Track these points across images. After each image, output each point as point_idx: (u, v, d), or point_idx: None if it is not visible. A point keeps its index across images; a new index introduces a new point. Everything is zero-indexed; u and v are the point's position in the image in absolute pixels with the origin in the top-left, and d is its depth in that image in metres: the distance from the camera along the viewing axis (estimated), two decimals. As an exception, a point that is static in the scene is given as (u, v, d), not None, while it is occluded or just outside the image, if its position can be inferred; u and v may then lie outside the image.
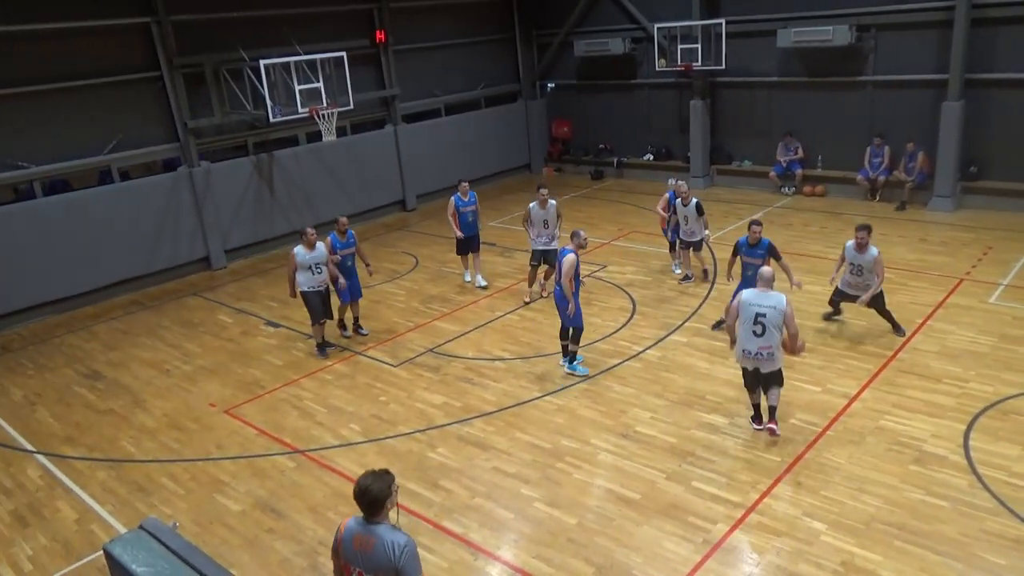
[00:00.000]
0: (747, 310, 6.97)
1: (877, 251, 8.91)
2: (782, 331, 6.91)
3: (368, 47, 16.66)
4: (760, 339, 6.91)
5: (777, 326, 6.85)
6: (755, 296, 7.01)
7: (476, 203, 11.91)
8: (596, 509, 6.52)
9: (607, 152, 19.61)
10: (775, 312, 6.84)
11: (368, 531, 3.91)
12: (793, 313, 6.92)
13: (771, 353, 6.94)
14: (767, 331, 6.88)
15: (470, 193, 11.86)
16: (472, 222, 11.90)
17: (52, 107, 12.43)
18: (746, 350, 7.04)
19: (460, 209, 11.80)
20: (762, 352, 6.95)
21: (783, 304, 6.83)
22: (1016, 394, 7.71)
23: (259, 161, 15.08)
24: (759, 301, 6.94)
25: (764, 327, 6.88)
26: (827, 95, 15.60)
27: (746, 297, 7.08)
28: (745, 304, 7.01)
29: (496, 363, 9.53)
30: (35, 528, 7.00)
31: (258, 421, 8.61)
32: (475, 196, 11.92)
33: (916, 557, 5.65)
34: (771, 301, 6.89)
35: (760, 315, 6.89)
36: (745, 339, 7.01)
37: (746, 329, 6.99)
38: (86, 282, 12.97)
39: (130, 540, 3.82)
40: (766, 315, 6.87)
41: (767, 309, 6.87)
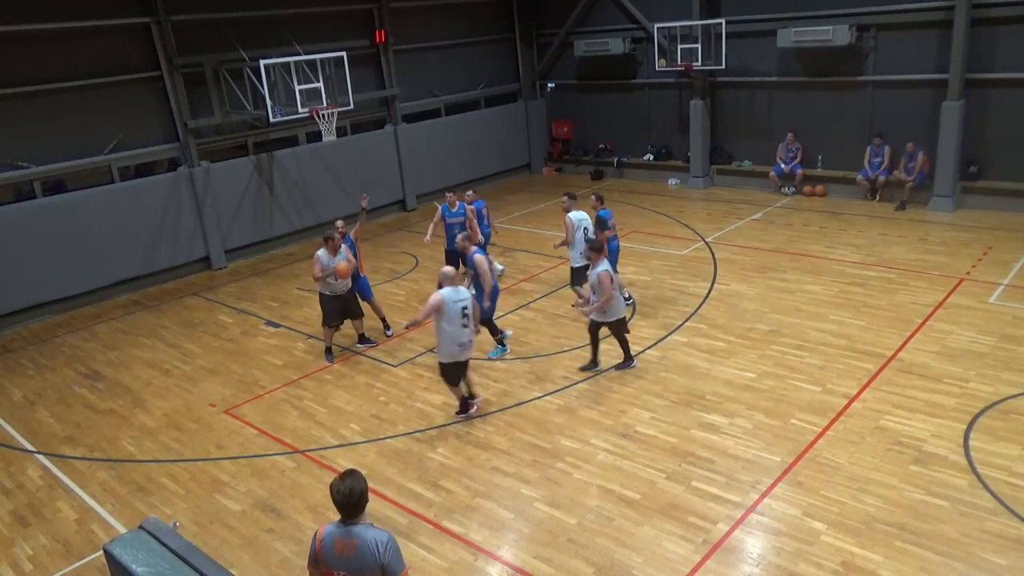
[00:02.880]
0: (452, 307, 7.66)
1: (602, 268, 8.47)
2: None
3: (368, 47, 16.66)
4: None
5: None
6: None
7: (464, 217, 11.25)
8: (596, 509, 6.52)
9: (607, 152, 19.61)
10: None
11: (348, 533, 3.92)
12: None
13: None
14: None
15: (459, 204, 11.34)
16: (456, 236, 10.88)
17: (52, 107, 12.43)
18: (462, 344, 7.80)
19: (446, 220, 11.36)
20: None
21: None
22: (1016, 394, 7.71)
23: (259, 161, 15.09)
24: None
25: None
26: (827, 95, 15.60)
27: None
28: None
29: (496, 363, 9.53)
30: (35, 528, 7.00)
31: (258, 421, 8.61)
32: (464, 209, 11.33)
33: (916, 557, 5.65)
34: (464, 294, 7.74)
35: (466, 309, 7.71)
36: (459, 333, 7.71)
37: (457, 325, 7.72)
38: (86, 282, 12.97)
39: (130, 540, 3.82)
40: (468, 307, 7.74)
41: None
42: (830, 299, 10.46)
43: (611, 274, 8.40)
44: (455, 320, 7.59)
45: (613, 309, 8.58)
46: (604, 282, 8.33)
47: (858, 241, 12.83)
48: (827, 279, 11.21)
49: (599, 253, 8.49)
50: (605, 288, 8.34)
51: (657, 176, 18.64)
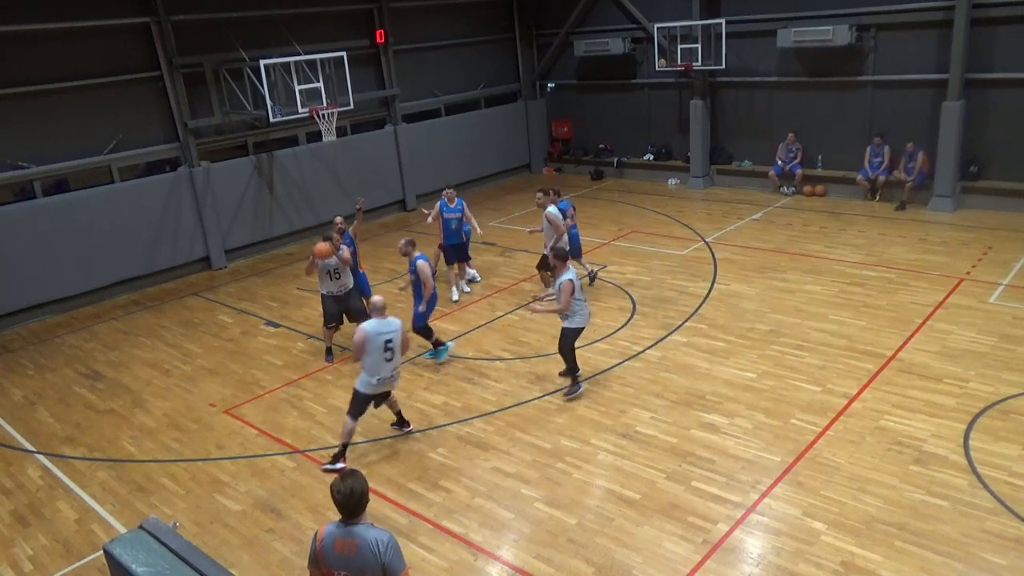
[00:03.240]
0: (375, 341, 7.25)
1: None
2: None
3: (368, 47, 16.66)
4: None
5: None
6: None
7: (462, 212, 11.54)
8: (596, 509, 6.52)
9: (607, 152, 19.61)
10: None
11: (349, 533, 3.93)
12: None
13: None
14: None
15: (457, 200, 11.58)
16: (456, 230, 11.55)
17: (52, 107, 12.43)
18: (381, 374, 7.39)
19: (444, 215, 11.52)
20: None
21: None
22: (1016, 394, 7.71)
23: (259, 161, 15.08)
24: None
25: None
26: (827, 95, 15.60)
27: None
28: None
29: (496, 363, 9.53)
30: (35, 528, 7.00)
31: (258, 421, 8.61)
32: (462, 204, 11.59)
33: (916, 557, 5.65)
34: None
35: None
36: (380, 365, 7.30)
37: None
38: (86, 282, 12.97)
39: (130, 540, 3.82)
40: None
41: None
42: (830, 299, 10.46)
43: (573, 284, 8.02)
44: (377, 352, 7.15)
45: (581, 316, 8.25)
46: (564, 292, 8.00)
47: (858, 241, 12.83)
48: (827, 279, 11.21)
49: (564, 262, 8.19)
50: (564, 298, 8.02)
51: (657, 176, 18.64)
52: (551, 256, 8.47)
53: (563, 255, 8.29)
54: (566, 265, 8.18)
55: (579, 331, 8.39)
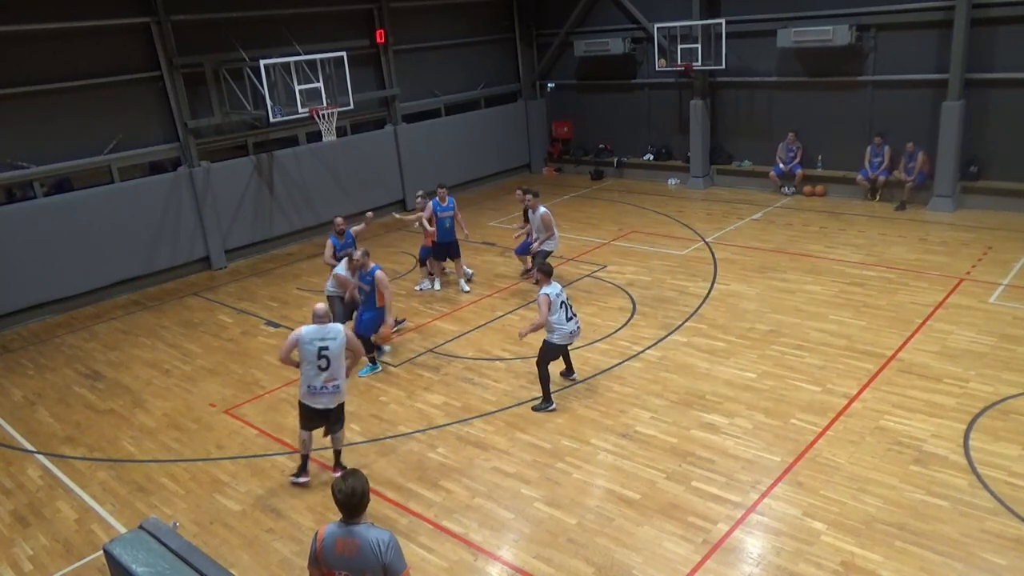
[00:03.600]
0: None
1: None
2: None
3: (368, 47, 16.66)
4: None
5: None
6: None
7: (454, 209, 11.82)
8: (596, 509, 6.52)
9: (607, 152, 19.61)
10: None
11: (350, 533, 3.93)
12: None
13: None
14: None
15: (448, 199, 11.83)
16: (449, 228, 11.81)
17: (52, 107, 12.43)
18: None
19: (438, 214, 11.73)
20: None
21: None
22: (1016, 394, 7.71)
23: (259, 161, 15.08)
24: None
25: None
26: (827, 95, 15.61)
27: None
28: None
29: (496, 363, 9.53)
30: (35, 528, 7.00)
31: (258, 421, 8.61)
32: (453, 202, 11.86)
33: (916, 557, 5.65)
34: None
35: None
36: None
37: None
38: (86, 282, 12.96)
39: (130, 540, 3.82)
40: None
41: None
42: (830, 299, 10.46)
43: (549, 299, 7.93)
44: (310, 361, 6.78)
45: (560, 333, 8.10)
46: (541, 305, 7.94)
47: (858, 241, 12.83)
48: (827, 279, 11.21)
49: (547, 276, 8.14)
50: (540, 311, 7.96)
51: (657, 176, 18.64)
52: (535, 270, 8.46)
53: (547, 270, 8.24)
54: (548, 280, 8.14)
55: (557, 347, 8.26)
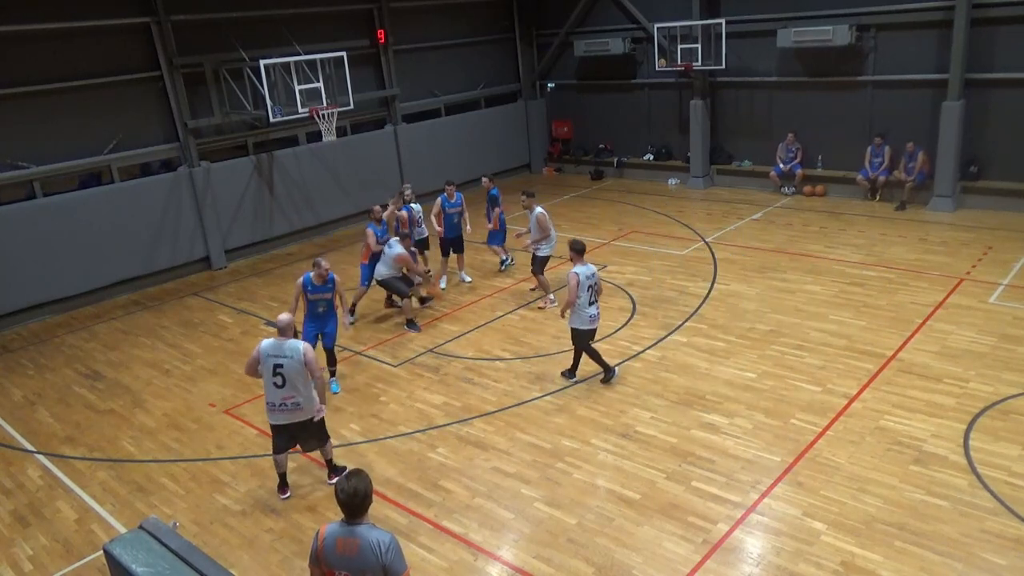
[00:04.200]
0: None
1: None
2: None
3: (368, 47, 16.66)
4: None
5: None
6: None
7: (462, 205, 12.01)
8: (596, 509, 6.52)
9: (607, 152, 19.61)
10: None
11: (351, 533, 3.93)
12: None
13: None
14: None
15: (456, 195, 11.99)
16: (457, 223, 12.01)
17: (52, 107, 12.43)
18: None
19: (446, 210, 11.93)
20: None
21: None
22: (1016, 394, 7.71)
23: (259, 161, 15.08)
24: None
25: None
26: (827, 95, 15.60)
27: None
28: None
29: (496, 363, 9.53)
30: (35, 528, 7.00)
31: (258, 421, 8.60)
32: (461, 198, 12.04)
33: (916, 557, 5.65)
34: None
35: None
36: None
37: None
38: (86, 282, 12.97)
39: (130, 540, 3.82)
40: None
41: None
42: (830, 299, 10.46)
43: (578, 278, 8.13)
44: (268, 377, 6.63)
45: (580, 317, 8.30)
46: (571, 282, 8.16)
47: (858, 241, 12.83)
48: (827, 279, 11.21)
49: (579, 254, 8.32)
50: (570, 289, 8.17)
51: (657, 176, 18.64)
52: (569, 250, 8.48)
53: (578, 248, 8.39)
54: (580, 258, 8.32)
55: (585, 332, 8.45)
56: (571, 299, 8.20)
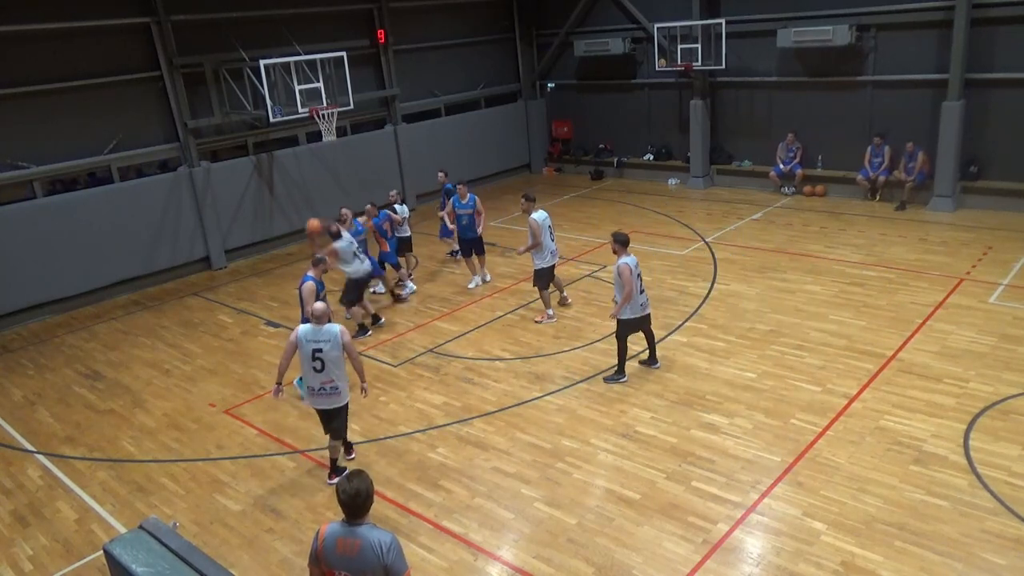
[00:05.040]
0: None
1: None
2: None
3: (368, 47, 16.66)
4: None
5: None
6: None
7: (474, 207, 11.89)
8: (596, 509, 6.52)
9: (607, 152, 19.61)
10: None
11: (352, 533, 3.92)
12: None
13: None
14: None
15: (469, 196, 11.94)
16: (467, 224, 11.93)
17: (52, 107, 12.43)
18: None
19: (458, 211, 11.95)
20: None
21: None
22: (1016, 394, 7.71)
23: (259, 161, 15.08)
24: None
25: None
26: (827, 95, 15.60)
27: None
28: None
29: (496, 363, 9.53)
30: (35, 528, 7.00)
31: (258, 421, 8.61)
32: (474, 199, 11.94)
33: (916, 557, 5.65)
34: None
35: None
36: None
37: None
38: (86, 282, 12.97)
39: (130, 540, 3.82)
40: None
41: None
42: (830, 299, 10.46)
43: (631, 268, 8.21)
44: (305, 361, 6.78)
45: (631, 304, 8.35)
46: (624, 275, 8.20)
47: (858, 241, 12.83)
48: (827, 279, 11.21)
49: (623, 246, 8.34)
50: (625, 281, 8.21)
51: (657, 176, 18.64)
52: (612, 242, 8.43)
53: (622, 239, 8.38)
54: (625, 249, 8.33)
55: (631, 322, 8.49)
56: (628, 291, 8.21)
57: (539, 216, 10.20)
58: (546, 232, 10.19)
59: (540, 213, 10.27)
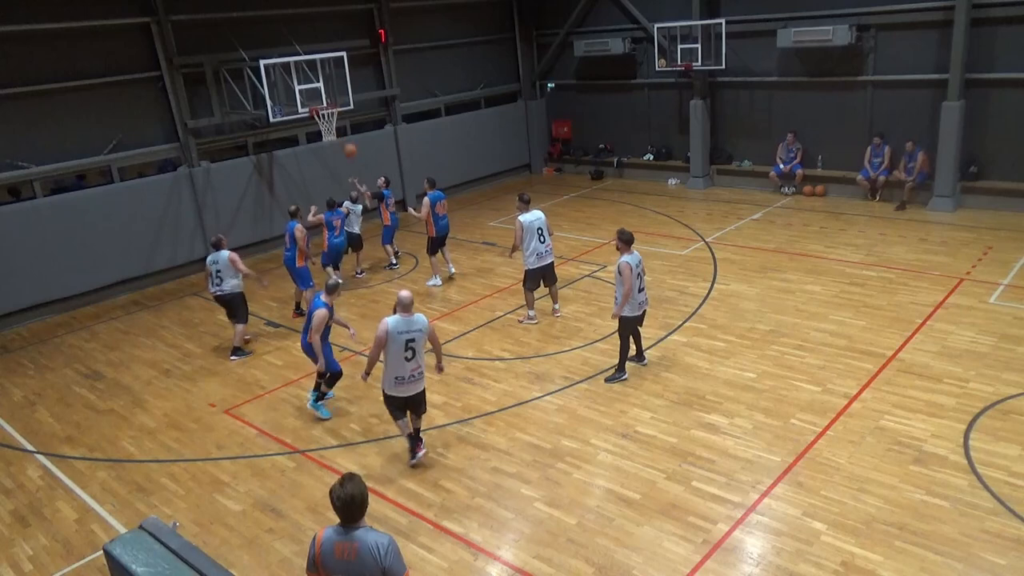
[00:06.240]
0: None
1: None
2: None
3: (368, 47, 16.66)
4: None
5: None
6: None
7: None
8: (596, 509, 6.52)
9: (607, 152, 19.61)
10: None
11: (349, 537, 3.91)
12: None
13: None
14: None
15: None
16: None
17: (52, 107, 12.43)
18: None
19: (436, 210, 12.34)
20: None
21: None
22: (1016, 394, 7.71)
23: (259, 161, 15.08)
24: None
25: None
26: (827, 95, 15.60)
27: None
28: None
29: (496, 363, 9.53)
30: (35, 528, 7.00)
31: (258, 421, 8.61)
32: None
33: (916, 557, 5.65)
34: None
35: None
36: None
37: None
38: (86, 282, 12.97)
39: (130, 540, 3.82)
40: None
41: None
42: (830, 299, 10.46)
43: (631, 267, 8.24)
44: (397, 352, 6.86)
45: (628, 304, 8.40)
46: (624, 273, 8.25)
47: (858, 241, 12.83)
48: (827, 279, 11.21)
49: (626, 244, 8.38)
50: (625, 279, 8.25)
51: (657, 176, 18.64)
52: (617, 240, 8.47)
53: (627, 238, 8.42)
54: (628, 248, 8.38)
55: (632, 320, 8.55)
56: (627, 290, 8.26)
57: (526, 218, 10.21)
58: (533, 235, 10.13)
59: (530, 215, 10.26)
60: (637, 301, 8.45)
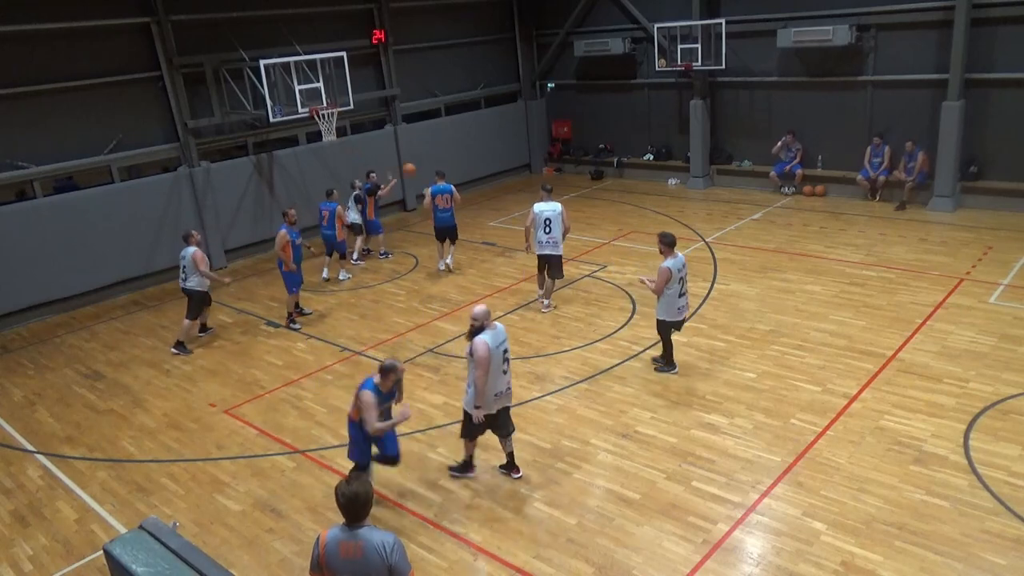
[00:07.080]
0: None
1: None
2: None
3: (368, 47, 16.66)
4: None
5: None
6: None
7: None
8: (596, 509, 6.52)
9: (607, 152, 19.61)
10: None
11: (354, 536, 3.91)
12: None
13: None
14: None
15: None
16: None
17: (52, 107, 12.43)
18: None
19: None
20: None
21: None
22: (1016, 394, 7.71)
23: (259, 161, 15.08)
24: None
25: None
26: (827, 95, 15.60)
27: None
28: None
29: (496, 363, 9.52)
30: (35, 528, 7.00)
31: (258, 421, 8.61)
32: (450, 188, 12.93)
33: (916, 557, 5.65)
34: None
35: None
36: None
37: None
38: (86, 282, 12.97)
39: (130, 540, 3.83)
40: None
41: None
42: (830, 299, 10.46)
43: (670, 271, 8.30)
44: (497, 367, 6.53)
45: (666, 308, 8.49)
46: (659, 276, 8.37)
47: (858, 241, 12.83)
48: (827, 279, 11.21)
49: (669, 247, 8.42)
50: (658, 282, 8.37)
51: (657, 176, 18.64)
52: (659, 243, 8.54)
53: (669, 240, 8.47)
54: (671, 251, 8.43)
55: (669, 324, 8.60)
56: (657, 291, 8.40)
57: (538, 207, 10.89)
58: (540, 225, 10.75)
59: (543, 204, 10.95)
60: (676, 306, 8.49)
